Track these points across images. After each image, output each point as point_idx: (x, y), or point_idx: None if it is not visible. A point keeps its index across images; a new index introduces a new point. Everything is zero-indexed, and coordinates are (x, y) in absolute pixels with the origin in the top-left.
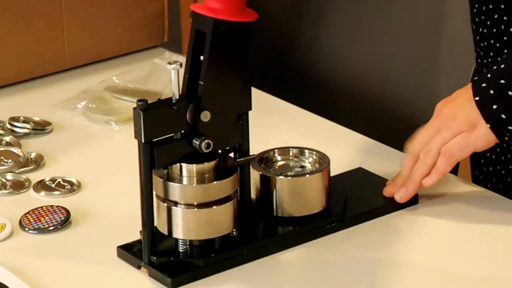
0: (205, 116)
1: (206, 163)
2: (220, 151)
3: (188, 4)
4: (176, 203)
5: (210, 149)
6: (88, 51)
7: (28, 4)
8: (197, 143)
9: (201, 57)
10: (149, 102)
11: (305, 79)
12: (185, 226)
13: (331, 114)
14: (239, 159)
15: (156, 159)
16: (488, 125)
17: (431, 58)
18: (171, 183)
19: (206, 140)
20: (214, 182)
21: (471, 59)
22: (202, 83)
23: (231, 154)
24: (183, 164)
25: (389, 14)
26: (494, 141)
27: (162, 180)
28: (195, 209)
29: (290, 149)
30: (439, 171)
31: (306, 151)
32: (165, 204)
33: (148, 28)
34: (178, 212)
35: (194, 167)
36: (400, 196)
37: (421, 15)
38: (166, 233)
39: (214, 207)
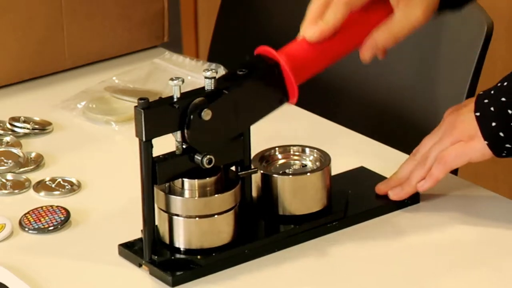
0: (207, 114)
1: (208, 178)
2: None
3: (188, 4)
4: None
5: (212, 164)
6: (88, 51)
7: (28, 4)
8: (199, 158)
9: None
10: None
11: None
12: (186, 236)
13: (331, 114)
14: (240, 173)
15: (158, 175)
16: (486, 142)
17: (431, 59)
18: (172, 196)
19: (208, 156)
20: (216, 196)
21: (471, 60)
22: (226, 92)
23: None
24: (185, 179)
25: None
26: (490, 156)
27: (164, 193)
28: (197, 219)
29: (291, 147)
30: (433, 176)
31: (307, 149)
32: (167, 214)
33: (148, 28)
34: (179, 222)
35: (196, 181)
36: (394, 194)
37: None
38: (167, 242)
39: (216, 216)
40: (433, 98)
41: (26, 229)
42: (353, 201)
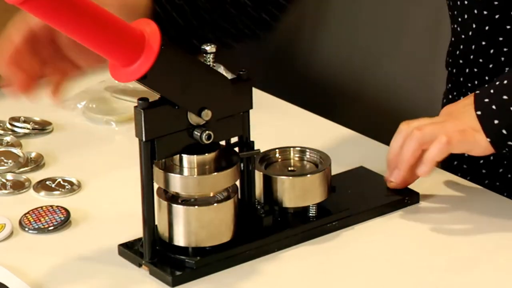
0: (206, 114)
1: (207, 154)
2: (224, 143)
3: None
4: (177, 199)
5: (211, 140)
6: None
7: None
8: (198, 134)
9: None
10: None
11: (305, 79)
12: (186, 227)
13: (331, 114)
14: (242, 153)
15: (157, 150)
16: (488, 139)
17: (431, 58)
18: (171, 174)
19: (207, 131)
20: (215, 173)
21: None
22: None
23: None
24: (184, 155)
25: (389, 14)
26: (491, 152)
27: (163, 171)
28: (196, 207)
29: (291, 148)
30: (430, 155)
31: (307, 150)
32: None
33: None
34: (179, 210)
35: (195, 158)
36: (394, 178)
37: (421, 15)
38: (167, 239)
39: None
40: (433, 99)
41: (26, 229)
42: (353, 201)
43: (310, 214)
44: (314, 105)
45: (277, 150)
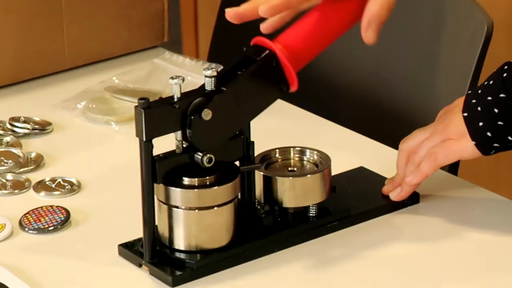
0: (207, 114)
1: (207, 176)
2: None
3: (188, 4)
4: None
5: (212, 163)
6: (88, 51)
7: (28, 4)
8: (199, 157)
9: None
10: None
11: (305, 79)
12: (186, 232)
13: (331, 114)
14: (242, 167)
15: (158, 173)
16: (474, 142)
17: (431, 58)
18: (172, 188)
19: (208, 155)
20: (215, 187)
21: (471, 60)
22: (224, 90)
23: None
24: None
25: (390, 15)
26: (480, 155)
27: (163, 185)
28: (196, 211)
29: (291, 148)
30: (421, 172)
31: (307, 150)
32: (166, 206)
33: (148, 28)
34: (179, 215)
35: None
36: (394, 196)
37: (421, 15)
38: (167, 243)
39: (216, 208)
40: (433, 99)
41: (26, 229)
42: (353, 201)
43: (310, 214)
44: (314, 105)
45: (277, 150)
